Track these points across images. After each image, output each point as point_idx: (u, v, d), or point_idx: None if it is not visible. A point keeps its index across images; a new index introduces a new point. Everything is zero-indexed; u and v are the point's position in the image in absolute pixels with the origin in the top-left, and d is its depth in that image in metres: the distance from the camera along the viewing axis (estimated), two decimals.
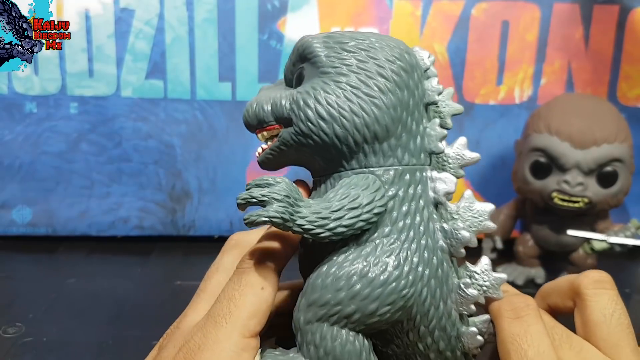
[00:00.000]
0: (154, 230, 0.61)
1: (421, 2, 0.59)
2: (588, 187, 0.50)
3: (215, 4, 0.57)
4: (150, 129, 0.59)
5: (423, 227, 0.26)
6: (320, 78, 0.26)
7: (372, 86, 0.25)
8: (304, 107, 0.25)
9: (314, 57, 0.26)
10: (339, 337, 0.24)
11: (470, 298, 0.26)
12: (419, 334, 0.26)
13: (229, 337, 0.24)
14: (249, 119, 0.28)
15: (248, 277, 0.25)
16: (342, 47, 0.26)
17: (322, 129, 0.25)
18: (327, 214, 0.24)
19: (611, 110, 0.52)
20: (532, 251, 0.56)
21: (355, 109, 0.25)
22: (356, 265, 0.24)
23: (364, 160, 0.25)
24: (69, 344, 0.42)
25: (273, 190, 0.24)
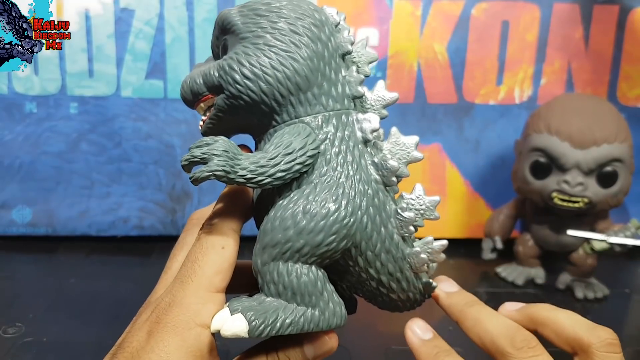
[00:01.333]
0: (154, 230, 0.61)
1: (421, 2, 0.59)
2: (588, 187, 0.50)
3: (215, 4, 0.57)
4: (150, 129, 0.59)
5: (355, 163, 0.28)
6: (240, 44, 0.28)
7: (287, 42, 0.27)
8: (230, 71, 0.27)
9: (232, 27, 0.28)
10: (294, 272, 0.26)
11: (407, 220, 0.28)
12: (368, 260, 0.28)
13: (195, 292, 0.26)
14: (185, 94, 0.30)
15: (209, 239, 0.27)
16: (256, 13, 0.28)
17: (249, 88, 0.27)
18: (265, 162, 0.26)
19: (611, 110, 0.52)
20: (532, 251, 0.56)
21: (275, 64, 0.27)
22: (299, 204, 0.26)
23: (293, 112, 0.28)
24: (69, 344, 0.42)
25: (212, 147, 0.26)
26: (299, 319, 0.26)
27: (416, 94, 0.60)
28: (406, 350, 0.33)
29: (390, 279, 0.29)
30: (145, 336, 0.25)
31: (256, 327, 0.25)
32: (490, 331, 0.27)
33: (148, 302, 0.28)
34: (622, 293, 0.55)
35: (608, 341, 0.26)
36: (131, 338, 0.26)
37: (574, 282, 0.54)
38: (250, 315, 0.25)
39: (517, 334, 0.26)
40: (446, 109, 0.61)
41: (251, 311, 0.25)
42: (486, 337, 0.27)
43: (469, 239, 0.63)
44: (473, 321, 0.28)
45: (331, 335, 0.28)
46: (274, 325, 0.25)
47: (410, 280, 0.30)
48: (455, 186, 0.63)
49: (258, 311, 0.25)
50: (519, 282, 0.55)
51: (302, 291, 0.26)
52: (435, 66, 0.60)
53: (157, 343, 0.24)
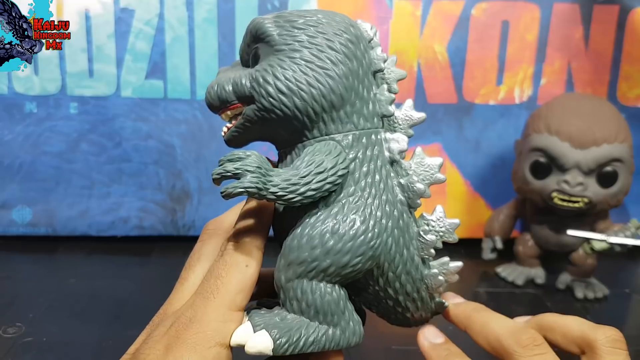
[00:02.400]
0: (154, 230, 0.61)
1: (421, 2, 0.59)
2: (588, 187, 0.50)
3: (215, 4, 0.57)
4: (150, 129, 0.59)
5: (383, 184, 0.28)
6: (275, 55, 0.28)
7: (324, 59, 0.27)
8: (264, 84, 0.27)
9: (267, 37, 0.28)
10: (318, 290, 0.26)
11: (429, 243, 0.29)
12: (388, 280, 0.28)
13: (217, 310, 0.25)
14: (212, 101, 0.29)
15: (233, 256, 0.27)
16: (292, 25, 0.28)
17: (283, 103, 0.27)
18: (297, 180, 0.26)
19: (611, 110, 0.52)
20: (532, 251, 0.56)
21: (311, 81, 0.27)
22: (327, 224, 0.26)
23: (324, 129, 0.28)
24: (69, 343, 0.42)
25: (245, 162, 0.26)
26: (320, 338, 0.26)
27: (416, 93, 0.60)
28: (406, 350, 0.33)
29: (406, 299, 0.29)
30: (164, 350, 0.25)
31: (281, 345, 0.25)
32: (497, 332, 0.27)
33: (164, 313, 0.28)
34: (622, 293, 0.55)
35: (613, 337, 0.27)
36: (148, 350, 0.25)
37: (574, 282, 0.54)
38: (275, 333, 0.25)
39: (523, 333, 0.27)
40: (446, 109, 0.61)
41: (275, 328, 0.25)
42: (493, 338, 0.27)
43: (469, 239, 0.63)
44: (480, 325, 0.29)
45: (338, 355, 0.28)
46: (297, 344, 0.26)
47: (425, 300, 0.30)
48: (455, 186, 0.63)
49: (282, 329, 0.26)
50: (519, 282, 0.55)
51: (325, 310, 0.26)
52: (435, 66, 0.60)
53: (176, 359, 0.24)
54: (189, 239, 0.62)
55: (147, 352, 0.25)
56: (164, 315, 0.28)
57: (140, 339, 0.27)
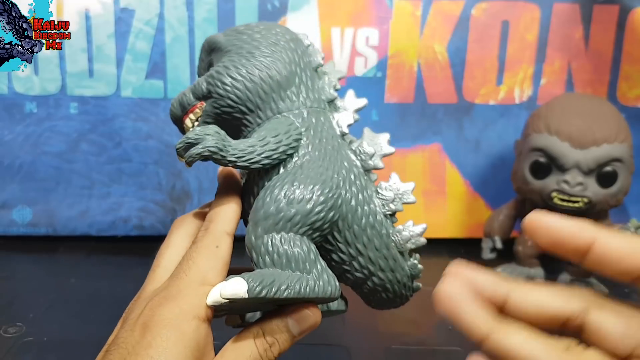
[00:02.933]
0: (154, 230, 0.61)
1: (421, 2, 0.59)
2: (588, 187, 0.50)
3: (215, 4, 0.57)
4: (151, 129, 0.59)
5: (336, 151, 0.31)
6: (225, 56, 0.31)
7: (266, 49, 0.31)
8: (218, 75, 0.31)
9: (217, 44, 0.32)
10: (287, 241, 0.28)
11: (388, 198, 0.31)
12: (355, 234, 0.30)
13: (189, 285, 0.26)
14: (174, 109, 0.32)
15: (203, 240, 0.28)
16: (237, 31, 0.32)
17: (235, 87, 0.30)
18: (254, 142, 0.29)
19: (611, 110, 0.52)
20: (532, 251, 0.56)
21: (258, 66, 0.31)
22: (288, 179, 0.29)
23: (275, 108, 0.31)
24: (70, 343, 0.42)
25: (204, 129, 0.28)
26: (294, 284, 0.27)
27: (416, 94, 0.60)
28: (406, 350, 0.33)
29: (377, 256, 0.31)
30: (141, 331, 0.25)
31: (254, 287, 0.26)
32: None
33: (138, 297, 0.29)
34: (621, 293, 0.55)
35: None
36: (125, 334, 0.25)
37: (574, 281, 0.54)
38: (248, 277, 0.26)
39: None
40: (446, 109, 0.61)
41: (249, 277, 0.26)
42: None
43: (469, 239, 0.63)
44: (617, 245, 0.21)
45: (313, 309, 0.29)
46: (270, 287, 0.26)
47: (397, 259, 0.31)
48: (455, 186, 0.63)
49: (255, 275, 0.26)
50: None
51: (297, 258, 0.27)
52: (435, 66, 0.60)
53: (154, 337, 0.24)
54: None
55: (123, 336, 0.25)
56: (137, 299, 0.29)
57: (118, 326, 0.28)
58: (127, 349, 0.25)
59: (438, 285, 0.23)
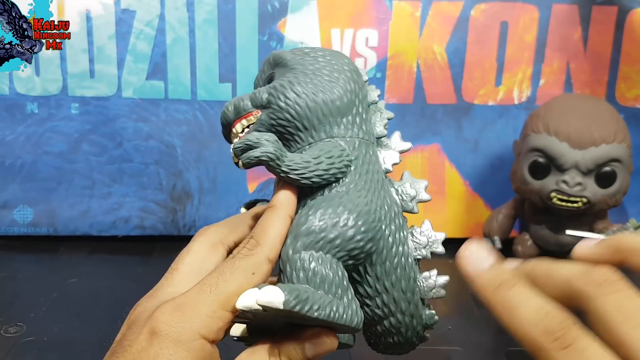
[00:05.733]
0: (155, 230, 0.62)
1: (420, 3, 0.59)
2: (586, 187, 0.50)
3: (216, 5, 0.57)
4: (151, 129, 0.59)
5: (380, 184, 0.31)
6: (290, 72, 0.32)
7: (332, 74, 0.31)
8: (281, 88, 0.31)
9: (283, 60, 0.32)
10: (325, 261, 0.28)
11: (421, 244, 0.31)
12: (386, 270, 0.30)
13: (209, 304, 0.25)
14: (228, 113, 0.32)
15: (243, 260, 0.27)
16: (303, 52, 0.33)
17: (297, 103, 0.30)
18: (309, 159, 0.29)
19: (610, 111, 0.53)
20: (531, 251, 0.56)
21: (322, 87, 0.31)
22: (334, 202, 0.29)
23: (329, 131, 0.31)
24: (70, 343, 0.43)
25: (264, 135, 0.28)
26: (326, 306, 0.26)
27: (415, 94, 0.61)
28: None
29: (401, 297, 0.31)
30: (148, 337, 0.24)
31: (290, 300, 0.25)
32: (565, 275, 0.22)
33: (151, 296, 0.28)
34: None
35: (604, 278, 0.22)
36: (132, 336, 0.25)
37: None
38: (284, 288, 0.25)
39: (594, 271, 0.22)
40: (445, 110, 0.61)
41: (286, 288, 0.26)
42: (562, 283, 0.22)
43: (468, 239, 0.63)
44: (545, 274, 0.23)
45: (331, 336, 0.28)
46: (304, 304, 0.26)
47: (418, 305, 0.31)
48: (454, 186, 0.63)
49: (292, 288, 0.26)
50: None
51: (331, 281, 0.27)
52: (434, 67, 0.60)
53: (161, 349, 0.24)
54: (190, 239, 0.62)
55: (131, 339, 0.25)
56: (150, 297, 0.28)
57: (125, 324, 0.27)
58: (132, 354, 0.24)
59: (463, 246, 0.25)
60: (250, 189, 0.61)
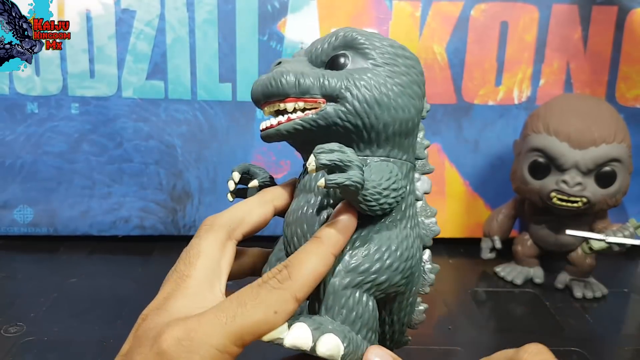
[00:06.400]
0: (155, 230, 0.62)
1: (420, 3, 0.59)
2: (586, 187, 0.50)
3: (216, 5, 0.57)
4: (151, 129, 0.59)
5: (416, 218, 0.30)
6: (373, 69, 0.28)
7: (414, 90, 0.29)
8: (363, 89, 0.27)
9: (361, 47, 0.28)
10: (368, 303, 0.27)
11: (428, 281, 0.31)
12: (400, 306, 0.30)
13: (221, 337, 0.23)
14: (286, 85, 0.28)
15: (268, 294, 0.25)
16: (385, 45, 0.29)
17: (375, 113, 0.27)
18: (380, 190, 0.27)
19: (609, 111, 0.53)
20: (531, 251, 0.56)
21: (402, 104, 0.28)
22: (388, 242, 0.27)
23: (389, 151, 0.29)
24: (70, 343, 0.43)
25: (350, 157, 0.25)
26: (357, 350, 0.26)
27: None
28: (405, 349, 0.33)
29: (398, 329, 0.31)
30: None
31: (347, 354, 0.25)
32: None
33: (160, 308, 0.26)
34: (620, 292, 0.55)
35: (537, 349, 0.25)
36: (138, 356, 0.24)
37: (573, 281, 0.54)
38: (343, 338, 0.25)
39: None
40: (445, 110, 0.61)
41: (339, 334, 0.25)
42: None
43: (468, 239, 0.63)
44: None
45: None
46: (354, 354, 0.25)
47: (403, 333, 0.32)
48: (455, 186, 0.63)
49: (344, 336, 0.25)
50: (517, 281, 0.55)
51: (369, 325, 0.27)
52: (434, 67, 0.60)
53: None
54: (190, 239, 0.62)
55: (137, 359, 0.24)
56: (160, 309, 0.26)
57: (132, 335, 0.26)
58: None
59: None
60: None
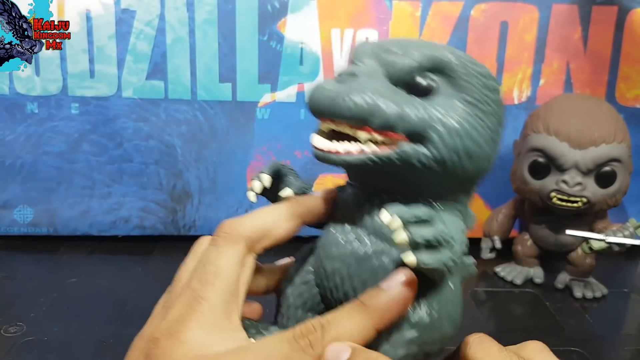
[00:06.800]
0: (155, 230, 0.62)
1: (420, 3, 0.59)
2: (586, 187, 0.50)
3: (216, 5, 0.57)
4: (151, 129, 0.59)
5: None
6: (465, 107, 0.24)
7: (499, 134, 0.26)
8: (454, 134, 0.23)
9: (459, 79, 0.24)
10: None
11: None
12: None
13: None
14: (366, 115, 0.23)
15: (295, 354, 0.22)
16: (481, 74, 0.25)
17: (463, 164, 0.24)
18: (456, 258, 0.24)
19: (609, 111, 0.53)
20: (531, 251, 0.56)
21: (489, 152, 0.25)
22: (445, 309, 0.24)
23: (455, 198, 0.26)
24: (70, 343, 0.43)
25: (449, 231, 0.22)
26: None
27: None
28: None
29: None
30: None
31: None
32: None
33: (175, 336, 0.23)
34: (620, 292, 0.55)
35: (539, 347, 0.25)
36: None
37: (573, 281, 0.54)
38: None
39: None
40: None
41: None
42: None
43: (468, 239, 0.63)
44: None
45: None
46: None
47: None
48: None
49: None
50: (517, 281, 0.55)
51: None
52: None
53: None
54: (190, 239, 0.62)
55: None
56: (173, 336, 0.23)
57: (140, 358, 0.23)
58: None
59: None
60: None
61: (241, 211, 0.62)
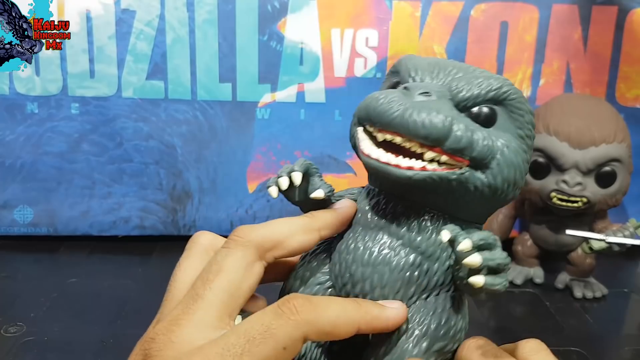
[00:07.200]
0: (155, 230, 0.62)
1: (420, 3, 0.59)
2: (586, 187, 0.50)
3: (216, 5, 0.57)
4: (151, 129, 0.59)
5: None
6: (518, 140, 0.26)
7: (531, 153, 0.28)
8: (510, 165, 0.25)
9: (518, 114, 0.26)
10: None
11: None
12: None
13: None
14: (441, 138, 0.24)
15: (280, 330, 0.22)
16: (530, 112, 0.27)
17: (509, 190, 0.26)
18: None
19: (610, 111, 0.53)
20: (531, 251, 0.56)
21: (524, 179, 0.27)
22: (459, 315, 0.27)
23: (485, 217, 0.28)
24: (70, 343, 0.43)
25: (506, 258, 0.23)
26: None
27: None
28: None
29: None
30: None
31: None
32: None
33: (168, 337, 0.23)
34: (620, 292, 0.55)
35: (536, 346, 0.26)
36: None
37: (573, 281, 0.54)
38: None
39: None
40: None
41: None
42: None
43: None
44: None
45: None
46: None
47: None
48: None
49: None
50: (517, 281, 0.55)
51: None
52: None
53: None
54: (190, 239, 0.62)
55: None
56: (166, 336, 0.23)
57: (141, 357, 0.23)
58: None
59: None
60: (250, 189, 0.61)
61: (241, 211, 0.62)
